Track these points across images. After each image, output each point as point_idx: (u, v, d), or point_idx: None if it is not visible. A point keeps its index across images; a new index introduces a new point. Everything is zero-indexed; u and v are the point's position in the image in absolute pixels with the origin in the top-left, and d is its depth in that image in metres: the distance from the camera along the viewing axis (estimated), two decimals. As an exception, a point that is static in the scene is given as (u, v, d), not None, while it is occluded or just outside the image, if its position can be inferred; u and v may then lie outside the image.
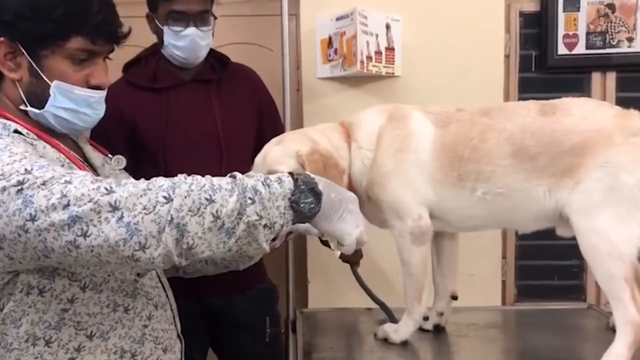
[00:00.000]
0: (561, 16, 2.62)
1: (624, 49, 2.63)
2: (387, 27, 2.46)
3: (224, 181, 1.13)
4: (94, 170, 1.41)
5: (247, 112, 2.23)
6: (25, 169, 1.09)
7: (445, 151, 1.70)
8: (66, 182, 1.07)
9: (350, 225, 1.22)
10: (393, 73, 2.48)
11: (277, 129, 2.19)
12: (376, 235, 1.87)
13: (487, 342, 1.90)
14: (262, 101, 2.30)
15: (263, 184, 1.14)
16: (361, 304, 2.13)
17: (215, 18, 2.16)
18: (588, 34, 2.62)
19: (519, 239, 2.66)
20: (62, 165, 1.24)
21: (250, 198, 1.11)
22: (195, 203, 1.08)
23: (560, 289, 2.70)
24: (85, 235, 1.05)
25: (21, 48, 1.27)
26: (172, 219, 1.06)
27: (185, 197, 1.07)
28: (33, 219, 1.06)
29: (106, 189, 1.06)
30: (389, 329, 1.81)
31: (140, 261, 1.07)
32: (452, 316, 1.94)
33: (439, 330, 1.90)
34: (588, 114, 1.66)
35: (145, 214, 1.05)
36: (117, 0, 1.39)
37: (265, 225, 1.13)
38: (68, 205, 1.05)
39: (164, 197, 1.06)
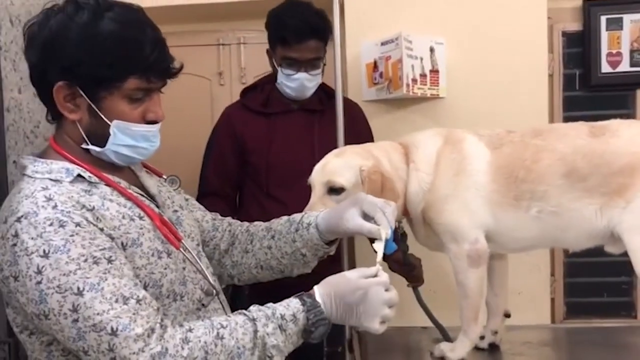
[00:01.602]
0: (604, 35, 2.65)
1: (669, 65, 2.64)
2: (431, 50, 2.51)
3: (247, 337, 1.25)
4: (151, 197, 1.44)
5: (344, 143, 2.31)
6: (78, 289, 1.18)
7: (501, 172, 1.72)
8: (112, 332, 1.17)
9: (368, 321, 1.33)
10: (438, 94, 2.53)
11: None
12: (433, 252, 1.91)
13: (544, 360, 1.91)
14: (361, 136, 2.31)
15: (281, 330, 1.28)
16: (417, 323, 2.14)
17: (325, 64, 2.33)
18: (632, 51, 2.65)
19: (567, 256, 2.67)
20: (119, 227, 1.28)
21: (269, 356, 1.27)
22: None
23: (609, 306, 2.71)
24: None
25: (80, 91, 1.30)
26: None
27: None
28: (85, 352, 1.19)
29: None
30: (445, 347, 1.82)
31: None
32: (505, 334, 1.95)
33: (494, 348, 1.92)
34: (636, 136, 1.68)
35: None
36: (176, 30, 1.42)
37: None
38: None
39: None
